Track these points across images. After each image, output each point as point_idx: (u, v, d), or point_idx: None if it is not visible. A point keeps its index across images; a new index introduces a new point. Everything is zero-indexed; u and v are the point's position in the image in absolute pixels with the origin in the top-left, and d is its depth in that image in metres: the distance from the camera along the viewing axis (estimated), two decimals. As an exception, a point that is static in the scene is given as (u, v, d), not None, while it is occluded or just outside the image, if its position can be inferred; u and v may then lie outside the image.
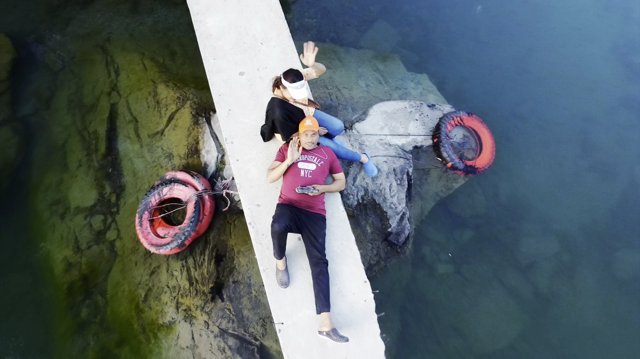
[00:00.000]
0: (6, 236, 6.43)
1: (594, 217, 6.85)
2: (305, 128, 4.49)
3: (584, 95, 7.48)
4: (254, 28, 5.62)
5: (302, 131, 4.51)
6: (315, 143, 4.60)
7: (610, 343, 6.45)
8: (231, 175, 5.48)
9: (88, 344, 5.84)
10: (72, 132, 6.57)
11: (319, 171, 4.53)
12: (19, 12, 7.27)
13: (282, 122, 4.53)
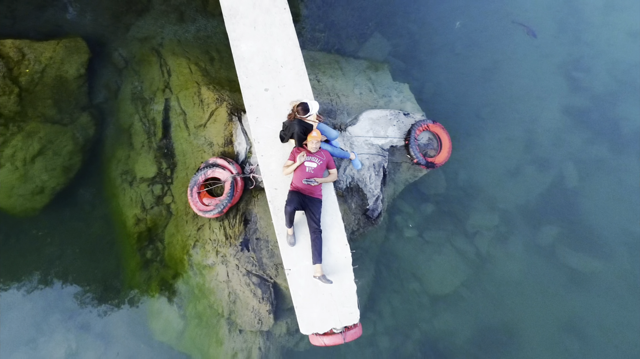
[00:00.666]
0: (88, 195, 8.61)
1: (527, 199, 8.89)
2: (312, 138, 6.48)
3: (534, 102, 9.29)
4: (276, 53, 7.46)
5: (310, 139, 6.50)
6: (317, 148, 6.60)
7: (529, 291, 8.67)
8: (256, 162, 7.51)
9: (151, 276, 8.15)
10: (135, 118, 8.59)
11: (319, 168, 6.56)
12: (89, 18, 9.09)
13: (299, 135, 6.52)
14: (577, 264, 8.65)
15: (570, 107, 9.27)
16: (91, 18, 9.06)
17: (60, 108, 8.48)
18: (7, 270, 8.33)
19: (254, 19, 7.51)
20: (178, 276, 7.98)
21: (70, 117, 8.54)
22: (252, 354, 7.55)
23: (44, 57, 8.54)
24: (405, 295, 8.59)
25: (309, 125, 6.61)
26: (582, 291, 8.59)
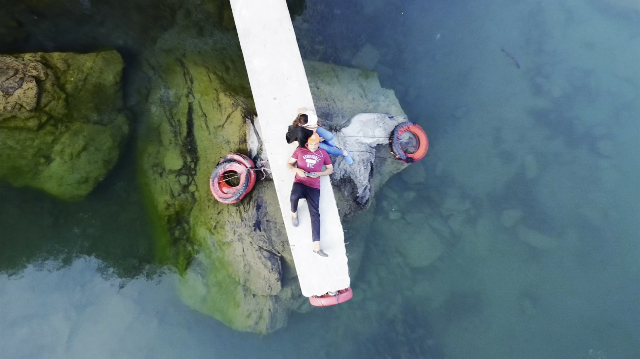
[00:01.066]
0: (123, 183, 10.20)
1: (494, 188, 10.47)
2: (312, 140, 8.01)
3: (502, 103, 10.79)
4: (282, 67, 8.94)
5: (310, 141, 8.04)
6: (316, 148, 8.13)
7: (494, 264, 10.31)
8: (266, 158, 9.06)
9: (179, 251, 9.79)
10: (163, 119, 10.12)
11: (318, 164, 8.10)
12: (121, 32, 10.54)
13: (301, 138, 8.05)
14: (534, 241, 10.28)
15: (532, 108, 10.77)
16: (123, 32, 10.51)
17: (100, 111, 10.01)
18: (58, 246, 9.97)
19: (264, 38, 8.98)
20: (201, 251, 9.61)
21: (109, 117, 10.08)
22: (263, 314, 9.22)
23: (85, 67, 10.03)
24: (390, 267, 10.24)
25: (309, 131, 8.15)
26: (537, 264, 10.23)
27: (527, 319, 10.05)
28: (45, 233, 9.97)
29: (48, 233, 9.97)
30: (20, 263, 9.93)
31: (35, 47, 10.13)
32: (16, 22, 10.33)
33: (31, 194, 9.88)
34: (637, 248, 10.21)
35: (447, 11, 11.18)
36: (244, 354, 9.60)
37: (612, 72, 10.80)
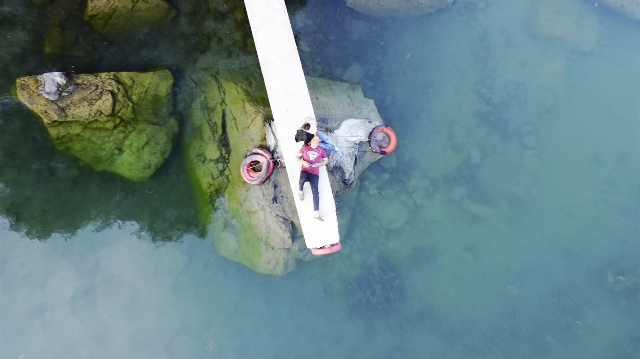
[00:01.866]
0: (175, 168, 13.79)
1: (447, 171, 14.08)
2: (313, 141, 11.53)
3: (455, 108, 14.26)
4: (291, 87, 12.37)
5: (312, 142, 11.57)
6: (316, 146, 11.66)
7: (445, 227, 14.00)
8: (281, 152, 12.60)
9: (218, 217, 13.47)
10: (203, 121, 13.65)
11: (317, 157, 11.66)
12: (170, 54, 13.93)
13: (305, 140, 11.59)
14: (475, 210, 13.94)
15: (477, 112, 14.26)
16: (172, 54, 13.90)
17: (157, 115, 13.52)
18: (128, 214, 13.65)
19: (278, 65, 12.41)
20: (234, 218, 13.30)
21: (163, 120, 13.61)
22: (278, 261, 12.98)
23: (145, 82, 13.48)
24: (369, 229, 13.95)
25: (311, 134, 11.70)
26: (477, 227, 13.92)
27: (468, 267, 13.82)
28: (119, 204, 13.64)
29: (121, 205, 13.65)
30: (101, 227, 13.64)
31: (106, 67, 13.55)
32: (91, 47, 13.73)
33: (108, 176, 13.52)
34: (550, 216, 13.88)
35: (415, 36, 14.53)
36: (265, 290, 13.43)
37: (538, 84, 14.23)
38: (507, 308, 13.53)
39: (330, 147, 12.16)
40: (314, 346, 13.46)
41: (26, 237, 13.54)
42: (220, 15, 14.06)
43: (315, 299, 13.57)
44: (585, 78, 14.32)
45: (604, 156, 14.05)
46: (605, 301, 13.41)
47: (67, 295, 13.26)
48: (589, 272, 13.56)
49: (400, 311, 13.54)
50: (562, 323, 13.38)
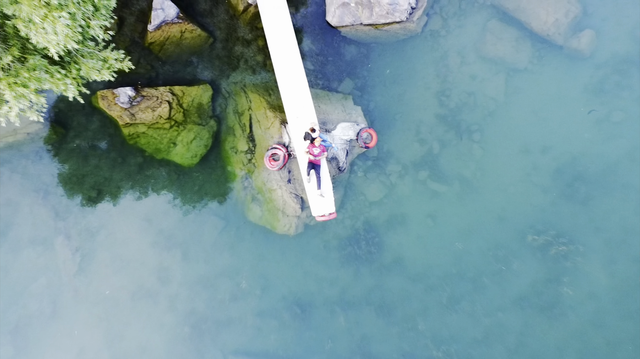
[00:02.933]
0: (214, 157, 18.57)
1: (414, 158, 18.89)
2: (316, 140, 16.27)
3: (421, 111, 18.94)
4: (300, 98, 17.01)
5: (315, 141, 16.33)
6: (319, 143, 16.41)
7: (412, 200, 18.94)
8: (293, 147, 17.35)
9: (247, 194, 18.34)
10: (235, 122, 18.35)
11: (320, 152, 16.43)
12: (209, 71, 18.50)
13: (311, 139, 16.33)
14: (435, 188, 18.85)
15: (438, 114, 18.96)
16: (210, 72, 18.48)
17: (201, 118, 18.21)
18: (181, 190, 18.53)
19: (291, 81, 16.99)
20: (259, 194, 18.20)
21: (205, 121, 18.31)
22: (292, 225, 17.95)
23: (192, 94, 18.09)
24: (357, 202, 18.89)
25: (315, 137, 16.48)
26: (436, 200, 18.86)
27: (429, 229, 18.82)
28: (174, 184, 18.50)
29: (175, 184, 18.51)
30: (162, 198, 18.56)
31: (163, 82, 18.17)
32: (150, 66, 18.33)
33: (165, 162, 18.34)
34: (489, 192, 18.79)
35: (393, 56, 19.07)
36: (281, 245, 18.47)
37: (483, 93, 18.89)
38: (455, 258, 18.65)
39: (328, 144, 16.93)
40: (316, 285, 18.64)
41: (107, 205, 18.48)
42: (247, 42, 18.61)
43: (317, 252, 18.67)
44: (519, 89, 19.00)
45: (531, 147, 18.88)
46: (526, 254, 18.52)
47: (144, 243, 18.35)
48: (515, 233, 18.63)
49: (379, 260, 18.66)
50: (494, 269, 18.54)
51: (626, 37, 18.93)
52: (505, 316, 18.47)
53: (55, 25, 9.50)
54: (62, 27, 9.81)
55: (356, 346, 18.59)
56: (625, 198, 18.69)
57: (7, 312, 18.23)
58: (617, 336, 18.39)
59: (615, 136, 18.81)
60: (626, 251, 18.56)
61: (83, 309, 18.42)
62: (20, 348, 18.19)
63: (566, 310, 18.46)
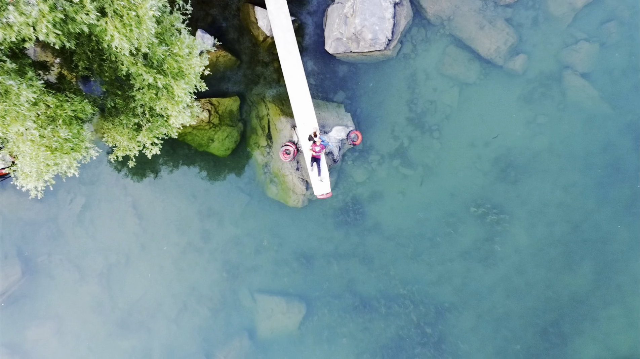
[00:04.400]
0: (242, 149, 24.98)
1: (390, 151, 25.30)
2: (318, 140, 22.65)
3: (396, 115, 25.19)
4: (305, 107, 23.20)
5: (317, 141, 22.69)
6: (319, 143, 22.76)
7: (388, 181, 25.53)
8: (301, 145, 23.70)
9: (266, 179, 24.86)
10: (257, 124, 24.61)
11: (320, 150, 22.81)
12: (237, 86, 24.57)
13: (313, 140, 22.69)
14: (404, 172, 25.38)
15: (408, 118, 25.21)
16: (238, 87, 24.57)
17: (232, 121, 24.46)
18: (217, 174, 25.04)
19: (298, 94, 23.15)
20: (275, 177, 24.73)
21: (235, 124, 24.58)
22: (299, 200, 24.56)
23: (226, 103, 24.24)
24: (347, 183, 25.48)
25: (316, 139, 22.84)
26: (405, 181, 25.41)
27: (399, 202, 25.49)
28: (211, 169, 25.00)
29: (212, 170, 25.01)
30: (204, 180, 25.12)
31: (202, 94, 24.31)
32: (193, 82, 24.43)
33: (205, 154, 24.76)
34: (445, 175, 25.35)
35: (375, 73, 25.13)
36: (291, 214, 25.19)
37: (442, 102, 25.10)
38: (417, 223, 25.47)
39: (326, 143, 23.22)
40: (317, 243, 25.52)
41: (164, 184, 25.06)
42: (265, 63, 24.67)
43: (318, 219, 25.44)
44: (469, 98, 25.23)
45: (476, 142, 25.32)
46: (469, 220, 25.33)
47: (191, 212, 25.09)
48: (462, 205, 25.37)
49: (362, 224, 25.47)
50: (445, 231, 25.40)
51: (550, 60, 25.03)
52: (452, 265, 25.54)
53: (179, 106, 14.99)
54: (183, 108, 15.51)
55: (345, 285, 25.70)
56: (543, 180, 25.37)
57: (94, 261, 25.16)
58: (532, 279, 25.54)
59: (538, 134, 25.26)
60: (542, 219, 25.44)
61: (148, 260, 25.37)
62: (104, 286, 25.25)
63: (497, 261, 25.51)
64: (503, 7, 24.68)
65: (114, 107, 14.74)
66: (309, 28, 24.87)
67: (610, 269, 25.48)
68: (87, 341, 25.41)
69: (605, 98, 24.99)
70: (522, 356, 25.74)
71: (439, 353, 25.60)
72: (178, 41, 13.08)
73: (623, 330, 25.60)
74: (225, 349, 25.36)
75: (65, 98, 11.83)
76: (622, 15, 24.81)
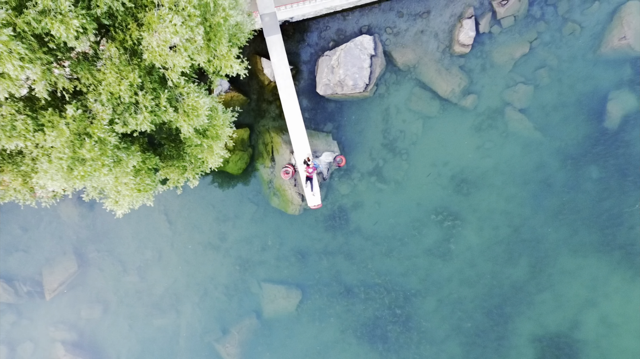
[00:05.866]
0: (251, 168, 31.51)
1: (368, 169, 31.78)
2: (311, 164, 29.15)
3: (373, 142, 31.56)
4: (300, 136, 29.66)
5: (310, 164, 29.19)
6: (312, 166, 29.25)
7: (367, 193, 32.11)
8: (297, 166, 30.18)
9: (270, 192, 31.40)
10: (263, 149, 31.08)
11: (312, 171, 29.31)
12: (247, 118, 30.99)
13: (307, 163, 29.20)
14: (380, 187, 31.82)
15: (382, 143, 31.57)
16: (248, 120, 31.00)
17: (243, 147, 30.88)
18: (231, 187, 31.57)
19: (295, 126, 29.61)
20: (278, 191, 31.22)
21: (245, 149, 31.03)
22: (296, 209, 31.09)
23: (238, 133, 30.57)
24: (334, 196, 31.96)
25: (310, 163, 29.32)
26: (380, 194, 31.89)
27: (375, 210, 31.92)
28: (226, 184, 31.50)
29: (228, 185, 31.52)
30: (221, 191, 31.64)
31: (220, 125, 30.73)
32: (213, 116, 30.92)
33: (223, 172, 31.25)
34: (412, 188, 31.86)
35: (356, 109, 31.55)
36: (289, 220, 31.71)
37: (409, 131, 31.53)
38: (390, 227, 32.07)
39: (317, 165, 29.70)
40: (310, 242, 32.12)
41: (188, 196, 31.58)
42: (269, 102, 31.12)
43: (311, 224, 32.03)
44: (431, 128, 31.72)
45: (437, 163, 31.86)
46: (431, 225, 31.93)
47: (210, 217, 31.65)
48: (425, 213, 31.96)
49: (346, 228, 32.07)
50: (412, 233, 32.02)
51: (495, 98, 31.52)
52: (417, 260, 32.22)
53: (214, 156, 21.53)
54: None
55: (333, 276, 32.36)
56: (490, 193, 31.98)
57: (134, 257, 31.77)
58: (481, 271, 32.25)
59: (486, 156, 31.82)
60: (489, 223, 32.10)
61: (176, 255, 31.98)
62: (142, 276, 31.88)
63: (452, 257, 32.20)
64: (457, 57, 31.14)
65: (169, 155, 21.19)
66: (304, 74, 31.31)
67: (542, 263, 32.18)
68: (128, 319, 32.10)
69: (538, 128, 31.52)
70: (472, 332, 32.52)
71: (406, 329, 32.37)
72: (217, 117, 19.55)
73: (552, 311, 32.36)
74: (237, 326, 32.07)
75: (146, 156, 18.28)
76: (551, 63, 31.26)
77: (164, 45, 14.51)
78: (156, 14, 14.01)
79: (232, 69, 17.73)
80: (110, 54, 15.22)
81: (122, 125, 15.96)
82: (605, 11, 30.89)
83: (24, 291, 31.38)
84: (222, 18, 15.62)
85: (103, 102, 15.39)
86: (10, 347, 31.74)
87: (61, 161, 15.14)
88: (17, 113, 15.12)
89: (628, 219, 31.59)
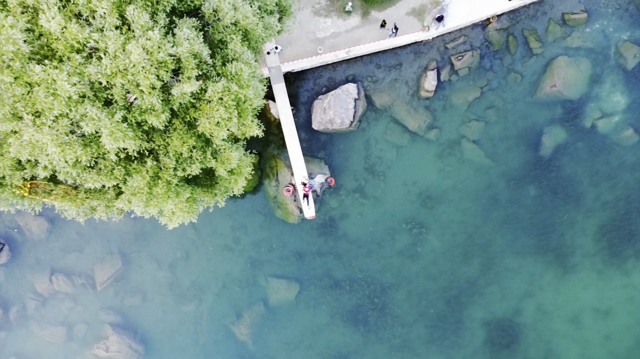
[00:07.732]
0: (260, 187, 39.59)
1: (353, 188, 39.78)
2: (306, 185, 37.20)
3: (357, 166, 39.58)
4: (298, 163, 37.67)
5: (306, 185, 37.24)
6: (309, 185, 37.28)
7: (352, 207, 40.22)
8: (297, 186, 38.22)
9: (275, 205, 39.47)
10: (269, 172, 39.12)
11: (308, 190, 37.35)
12: (257, 147, 39.02)
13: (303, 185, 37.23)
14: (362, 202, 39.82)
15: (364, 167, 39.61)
16: (257, 148, 39.00)
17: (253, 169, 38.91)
18: (244, 202, 39.61)
19: (295, 154, 37.64)
20: (281, 204, 39.23)
21: (256, 171, 39.07)
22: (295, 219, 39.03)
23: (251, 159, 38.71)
24: (326, 209, 39.95)
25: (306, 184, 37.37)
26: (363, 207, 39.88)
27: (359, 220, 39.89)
28: (240, 199, 39.60)
29: (241, 199, 39.62)
30: (234, 204, 39.73)
31: (236, 153, 38.79)
32: (230, 145, 39.08)
33: (237, 190, 39.40)
34: (388, 203, 39.94)
35: (343, 140, 39.49)
36: (290, 227, 39.72)
37: (386, 158, 39.48)
38: (370, 233, 40.13)
39: (312, 185, 37.70)
40: (307, 246, 40.20)
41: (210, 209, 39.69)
42: (275, 134, 39.12)
43: (307, 230, 40.12)
44: (403, 155, 39.77)
45: (407, 182, 39.94)
46: (402, 232, 40.05)
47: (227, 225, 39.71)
48: (398, 222, 40.05)
49: (335, 234, 40.16)
50: (387, 239, 40.09)
51: (453, 132, 39.64)
52: (391, 260, 40.39)
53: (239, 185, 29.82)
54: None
55: (325, 272, 40.54)
56: (449, 206, 40.15)
57: (166, 256, 39.90)
58: (442, 269, 40.49)
59: (446, 177, 39.97)
60: (448, 231, 40.30)
61: (201, 255, 40.10)
62: (172, 272, 40.03)
63: (419, 257, 40.39)
64: (423, 99, 39.29)
65: (205, 184, 29.29)
66: (302, 113, 39.41)
67: (491, 262, 40.42)
68: (161, 306, 40.29)
69: (488, 156, 39.69)
70: (435, 317, 40.77)
71: (382, 315, 40.60)
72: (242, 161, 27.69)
73: (499, 301, 40.64)
74: (248, 311, 40.28)
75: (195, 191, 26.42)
76: (498, 104, 39.41)
77: (212, 123, 22.59)
78: (208, 106, 22.08)
79: (254, 132, 25.78)
80: (176, 126, 23.31)
81: (182, 171, 24.05)
82: (540, 64, 39.08)
83: (79, 283, 39.49)
84: (249, 104, 23.71)
85: (170, 156, 23.46)
86: (69, 327, 39.91)
87: (142, 195, 23.24)
88: (115, 164, 23.18)
89: (558, 228, 39.82)
